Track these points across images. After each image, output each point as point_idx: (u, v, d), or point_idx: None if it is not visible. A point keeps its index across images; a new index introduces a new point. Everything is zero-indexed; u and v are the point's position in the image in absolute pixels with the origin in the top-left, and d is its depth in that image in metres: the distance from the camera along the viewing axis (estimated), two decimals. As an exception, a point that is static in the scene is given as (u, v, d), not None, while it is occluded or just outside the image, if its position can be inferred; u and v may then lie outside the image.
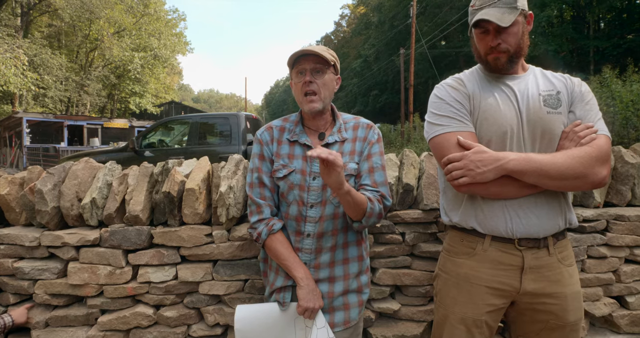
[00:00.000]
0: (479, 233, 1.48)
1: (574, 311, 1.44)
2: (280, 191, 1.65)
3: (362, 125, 1.70)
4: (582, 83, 1.52)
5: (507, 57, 1.45)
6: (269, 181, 1.65)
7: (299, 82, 1.58)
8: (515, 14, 1.39)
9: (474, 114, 1.49)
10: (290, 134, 1.67)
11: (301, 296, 1.53)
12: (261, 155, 1.67)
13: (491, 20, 1.38)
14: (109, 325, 2.04)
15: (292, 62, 1.59)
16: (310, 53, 1.55)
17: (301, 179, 1.59)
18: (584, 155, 1.33)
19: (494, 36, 1.43)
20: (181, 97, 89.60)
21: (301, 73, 1.58)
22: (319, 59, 1.56)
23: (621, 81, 12.77)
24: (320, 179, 1.58)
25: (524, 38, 1.46)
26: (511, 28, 1.42)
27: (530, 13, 1.48)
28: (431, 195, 2.07)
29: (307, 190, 1.59)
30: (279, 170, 1.62)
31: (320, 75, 1.58)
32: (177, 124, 8.56)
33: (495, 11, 1.40)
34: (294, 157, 1.63)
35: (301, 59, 1.57)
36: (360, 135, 1.67)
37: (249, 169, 1.71)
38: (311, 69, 1.57)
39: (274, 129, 1.70)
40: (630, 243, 2.15)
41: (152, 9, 32.70)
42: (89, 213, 2.08)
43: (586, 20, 27.66)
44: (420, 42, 28.72)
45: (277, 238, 1.59)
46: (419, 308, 2.13)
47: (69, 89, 29.46)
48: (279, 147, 1.66)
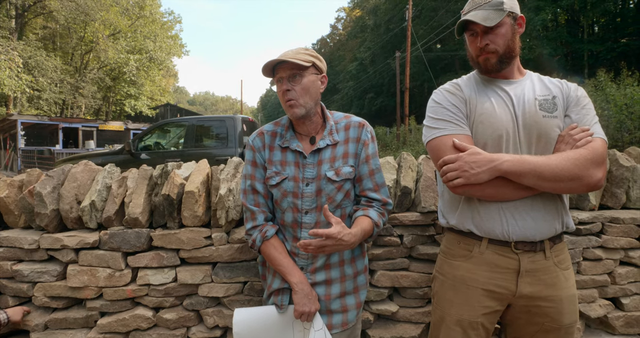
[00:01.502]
0: (475, 235, 1.50)
1: (569, 314, 1.46)
2: (274, 198, 1.64)
3: (353, 124, 1.67)
4: (578, 88, 1.54)
5: (497, 58, 1.48)
6: (262, 188, 1.64)
7: (279, 90, 1.58)
8: (502, 15, 1.43)
9: (470, 118, 1.51)
10: (281, 140, 1.65)
11: (297, 301, 1.53)
12: (253, 161, 1.66)
13: (476, 20, 1.43)
14: (109, 328, 2.04)
15: (270, 71, 1.58)
16: (282, 61, 1.53)
17: (294, 186, 1.58)
18: (578, 157, 1.34)
19: (481, 37, 1.47)
20: (177, 100, 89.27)
21: (279, 81, 1.57)
22: (293, 65, 1.53)
23: (615, 84, 12.86)
24: (313, 185, 1.58)
25: (514, 39, 1.48)
26: (498, 29, 1.45)
27: (521, 16, 1.50)
28: (429, 198, 2.09)
29: (300, 197, 1.58)
30: (272, 177, 1.61)
31: (298, 80, 1.55)
32: (174, 127, 8.56)
33: (481, 13, 1.45)
34: (287, 164, 1.61)
35: (278, 67, 1.56)
36: (352, 135, 1.64)
37: (242, 175, 1.70)
38: (287, 76, 1.55)
39: (265, 135, 1.68)
40: (625, 245, 2.17)
41: (147, 11, 32.63)
42: (88, 216, 2.08)
43: (580, 24, 27.88)
44: (416, 45, 28.80)
45: (272, 244, 1.60)
46: (417, 310, 2.14)
47: (63, 91, 29.28)
48: (271, 154, 1.64)
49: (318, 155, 1.60)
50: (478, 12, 1.45)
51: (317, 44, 75.84)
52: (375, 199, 1.63)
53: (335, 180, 1.56)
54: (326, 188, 1.57)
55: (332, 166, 1.58)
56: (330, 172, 1.57)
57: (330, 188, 1.57)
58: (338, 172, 1.57)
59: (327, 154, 1.60)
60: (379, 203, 1.63)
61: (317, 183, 1.58)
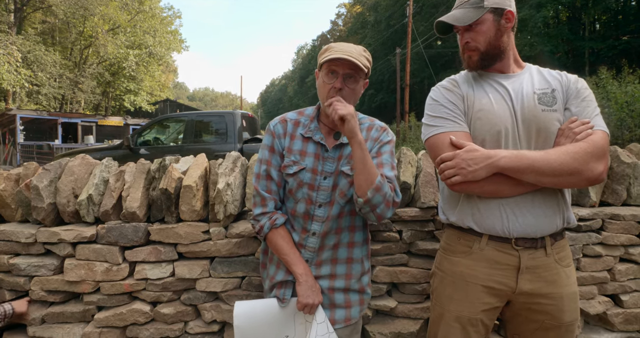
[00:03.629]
0: (475, 232, 1.49)
1: (569, 312, 1.44)
2: (288, 187, 1.62)
3: (376, 127, 1.67)
4: (578, 80, 1.52)
5: (479, 55, 1.48)
6: (276, 175, 1.62)
7: (329, 83, 1.52)
8: (480, 13, 1.43)
9: (468, 114, 1.49)
10: (304, 130, 1.62)
11: (300, 292, 1.52)
12: (271, 147, 1.63)
13: (447, 21, 1.46)
14: (106, 322, 2.03)
15: (324, 59, 1.50)
16: (347, 60, 1.46)
17: (311, 178, 1.57)
18: (578, 151, 1.32)
19: (462, 35, 1.50)
20: (176, 95, 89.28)
21: (332, 74, 1.52)
22: (354, 65, 1.49)
23: (617, 82, 12.84)
24: (330, 179, 1.57)
25: (498, 35, 1.47)
26: (478, 26, 1.45)
27: (509, 10, 1.46)
28: (428, 194, 2.08)
29: (316, 190, 1.57)
30: (290, 166, 1.58)
31: (351, 81, 1.52)
32: (173, 122, 8.56)
33: (458, 12, 1.46)
34: (306, 155, 1.59)
35: (335, 60, 1.49)
36: (373, 135, 1.64)
37: (257, 158, 1.67)
38: (344, 73, 1.50)
39: (288, 122, 1.65)
40: (625, 242, 2.17)
41: (147, 6, 32.47)
42: (85, 210, 2.07)
43: (582, 22, 27.82)
44: (416, 42, 28.71)
45: (280, 233, 1.59)
46: (416, 306, 2.13)
47: (63, 86, 29.21)
48: (292, 142, 1.62)
49: (340, 151, 1.59)
50: (455, 12, 1.48)
51: (317, 40, 75.68)
52: None
53: (349, 174, 1.55)
54: (340, 182, 1.56)
55: (349, 161, 1.57)
56: (346, 167, 1.56)
57: (344, 182, 1.56)
58: (353, 167, 1.56)
59: (348, 150, 1.59)
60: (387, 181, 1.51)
61: (335, 178, 1.57)
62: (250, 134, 7.77)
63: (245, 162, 2.29)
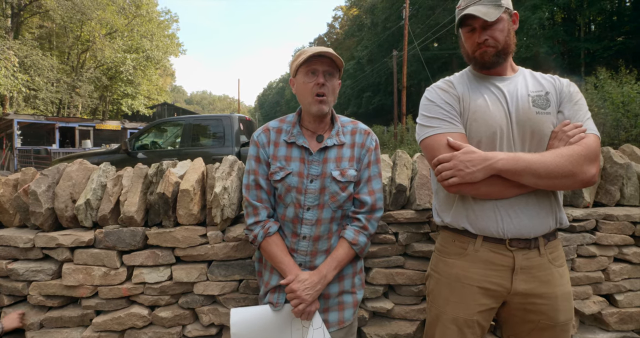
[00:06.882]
0: (470, 233, 1.50)
1: (564, 311, 1.46)
2: (277, 193, 1.64)
3: (360, 131, 1.69)
4: (570, 83, 1.54)
5: (495, 52, 1.48)
6: (265, 183, 1.64)
7: (310, 82, 1.57)
8: (500, 11, 1.44)
9: (464, 115, 1.51)
10: (287, 136, 1.65)
11: None
12: (257, 157, 1.66)
13: (477, 15, 1.42)
14: (104, 326, 2.04)
15: (303, 59, 1.55)
16: (326, 55, 1.53)
17: (298, 181, 1.59)
18: (572, 154, 1.35)
19: (480, 32, 1.47)
20: (174, 99, 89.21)
21: (313, 73, 1.56)
22: (332, 62, 1.56)
23: (615, 82, 12.89)
24: (317, 182, 1.59)
25: (510, 35, 1.49)
26: (497, 24, 1.46)
27: (515, 12, 1.51)
28: (424, 196, 2.09)
29: (304, 193, 1.59)
30: (276, 172, 1.61)
31: (331, 78, 1.58)
32: (170, 126, 8.53)
33: (481, 8, 1.44)
34: (291, 159, 1.62)
35: (314, 59, 1.55)
36: (358, 140, 1.67)
37: (245, 170, 1.70)
38: (324, 71, 1.56)
39: (271, 131, 1.69)
40: (619, 242, 2.18)
41: (144, 10, 32.49)
42: (83, 215, 2.08)
43: (577, 23, 27.92)
44: (413, 44, 28.82)
45: (273, 241, 1.61)
46: (412, 307, 2.15)
47: (60, 91, 29.14)
48: (276, 149, 1.64)
49: (324, 154, 1.61)
50: (478, 7, 1.45)
51: (314, 43, 75.73)
52: (365, 203, 1.63)
53: (340, 180, 1.58)
54: (330, 187, 1.58)
55: (337, 166, 1.60)
56: (336, 172, 1.58)
57: (335, 188, 1.58)
58: (344, 173, 1.59)
59: (333, 153, 1.62)
60: (368, 208, 1.63)
61: (322, 181, 1.59)
62: (247, 138, 7.76)
63: (242, 166, 2.30)
